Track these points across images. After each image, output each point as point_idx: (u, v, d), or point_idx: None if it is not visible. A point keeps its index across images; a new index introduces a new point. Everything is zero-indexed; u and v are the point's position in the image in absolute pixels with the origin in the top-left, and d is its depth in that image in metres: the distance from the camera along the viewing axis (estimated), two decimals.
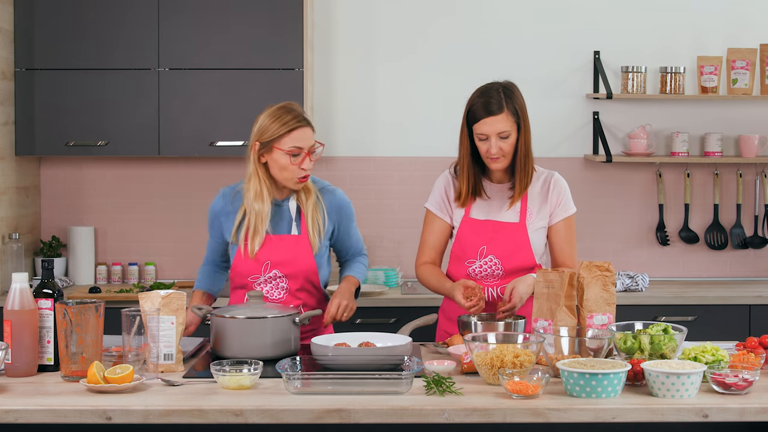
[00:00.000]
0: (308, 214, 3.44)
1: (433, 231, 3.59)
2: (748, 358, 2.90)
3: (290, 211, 3.46)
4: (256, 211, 3.40)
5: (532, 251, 3.48)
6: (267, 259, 3.42)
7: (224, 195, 3.51)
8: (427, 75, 5.22)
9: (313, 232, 3.43)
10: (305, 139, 3.37)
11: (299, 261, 3.43)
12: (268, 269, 3.42)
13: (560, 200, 3.52)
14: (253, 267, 3.43)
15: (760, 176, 5.26)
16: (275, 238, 3.43)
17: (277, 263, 3.42)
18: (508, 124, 3.37)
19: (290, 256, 3.42)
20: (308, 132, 3.39)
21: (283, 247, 3.42)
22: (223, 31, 4.83)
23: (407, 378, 2.73)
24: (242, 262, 3.43)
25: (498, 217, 3.50)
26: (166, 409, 2.61)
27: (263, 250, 3.42)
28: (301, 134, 3.36)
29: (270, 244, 3.42)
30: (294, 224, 3.45)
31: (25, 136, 4.85)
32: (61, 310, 2.89)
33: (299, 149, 3.36)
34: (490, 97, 3.39)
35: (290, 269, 3.43)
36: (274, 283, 3.43)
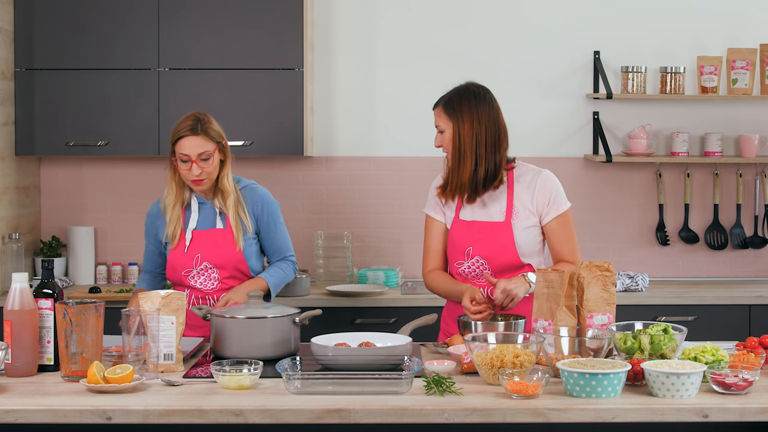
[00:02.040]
0: (230, 212, 3.67)
1: (434, 235, 3.60)
2: (748, 358, 2.90)
3: (214, 208, 3.69)
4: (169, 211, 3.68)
5: (516, 251, 3.48)
6: (197, 252, 3.67)
7: (159, 201, 3.76)
8: (427, 75, 5.21)
9: (237, 227, 3.66)
10: (191, 148, 3.58)
11: (226, 253, 3.67)
12: (199, 262, 3.67)
13: (549, 198, 3.52)
14: (185, 261, 3.67)
15: (760, 176, 5.26)
16: (203, 233, 3.68)
17: (206, 256, 3.67)
18: (441, 119, 3.53)
19: (217, 249, 3.67)
20: (196, 141, 3.59)
21: (209, 241, 3.68)
22: (223, 31, 4.83)
23: (407, 378, 2.73)
24: (175, 258, 3.68)
25: (484, 218, 3.52)
26: (166, 409, 2.62)
27: (192, 244, 3.67)
28: (188, 142, 3.59)
29: (198, 239, 3.68)
30: (219, 219, 3.67)
31: (25, 136, 4.85)
32: (61, 310, 2.89)
33: (186, 156, 3.59)
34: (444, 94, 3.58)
35: (218, 260, 3.67)
36: (206, 275, 3.68)
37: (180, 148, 3.58)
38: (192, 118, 3.63)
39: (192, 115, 3.65)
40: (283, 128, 4.85)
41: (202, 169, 3.58)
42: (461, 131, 3.48)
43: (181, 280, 3.70)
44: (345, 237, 5.11)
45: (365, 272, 5.00)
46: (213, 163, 3.61)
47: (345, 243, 5.10)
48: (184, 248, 3.67)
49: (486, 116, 3.48)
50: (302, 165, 5.22)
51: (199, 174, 3.58)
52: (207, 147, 3.59)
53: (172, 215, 3.67)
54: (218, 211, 3.68)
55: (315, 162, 5.22)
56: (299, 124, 4.84)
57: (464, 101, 3.50)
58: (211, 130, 3.62)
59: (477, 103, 3.49)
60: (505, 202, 3.51)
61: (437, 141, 3.55)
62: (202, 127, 3.60)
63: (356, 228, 5.23)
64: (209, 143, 3.60)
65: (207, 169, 3.59)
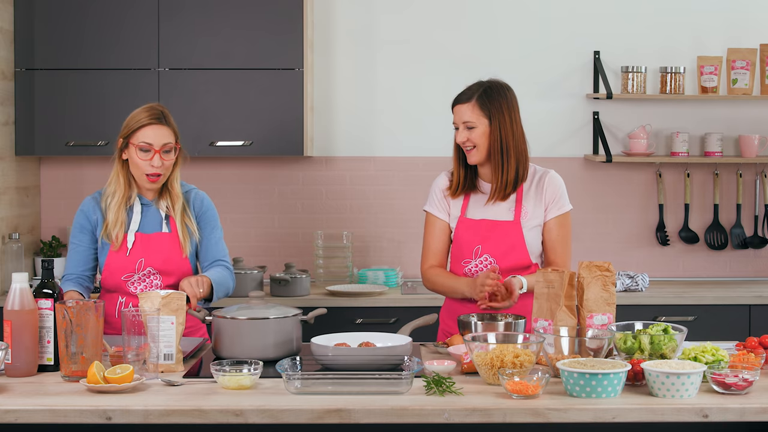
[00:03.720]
0: (177, 217, 3.49)
1: (435, 233, 3.60)
2: (748, 358, 2.90)
3: (160, 211, 3.51)
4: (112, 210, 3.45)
5: (527, 249, 3.49)
6: (140, 256, 3.47)
7: (93, 197, 3.55)
8: (428, 75, 5.22)
9: (183, 233, 3.49)
10: (156, 137, 3.42)
11: (171, 259, 3.48)
12: (142, 266, 3.47)
13: (554, 197, 3.53)
14: (126, 264, 3.47)
15: (760, 176, 5.26)
16: (147, 237, 3.49)
17: (150, 261, 3.47)
18: (473, 115, 3.45)
19: (163, 254, 3.48)
20: (161, 130, 3.43)
21: (155, 245, 3.48)
22: (223, 31, 4.83)
23: (407, 378, 2.73)
24: (115, 261, 3.47)
25: (492, 216, 3.52)
26: (166, 409, 2.61)
27: (135, 247, 3.47)
28: (152, 131, 3.42)
29: (142, 242, 3.48)
30: (164, 223, 3.50)
31: (25, 136, 4.85)
32: (61, 310, 2.89)
33: (149, 145, 3.41)
34: (468, 88, 3.51)
35: (164, 266, 3.47)
36: (148, 281, 3.47)
37: (142, 136, 3.40)
38: (154, 108, 3.47)
39: (152, 105, 3.48)
40: (283, 128, 4.85)
41: (163, 161, 3.41)
42: (502, 127, 3.45)
43: (118, 286, 3.48)
44: (345, 237, 5.11)
45: (365, 272, 5.00)
46: (173, 157, 3.45)
47: (345, 243, 5.10)
48: (126, 251, 3.46)
49: (518, 112, 3.50)
50: (302, 165, 5.22)
51: (159, 166, 3.41)
52: (170, 139, 3.43)
53: (117, 214, 3.45)
54: (164, 214, 3.50)
55: (315, 162, 5.22)
56: (299, 124, 4.84)
57: (500, 96, 3.47)
58: (173, 123, 3.48)
59: (511, 98, 3.50)
60: (514, 201, 3.51)
61: (461, 137, 3.47)
62: (165, 118, 3.45)
63: (356, 228, 5.23)
64: (171, 135, 3.45)
65: (167, 162, 3.43)
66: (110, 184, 3.51)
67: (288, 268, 4.78)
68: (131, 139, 3.43)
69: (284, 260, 5.19)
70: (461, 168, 3.55)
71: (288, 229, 5.23)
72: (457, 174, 3.55)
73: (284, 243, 5.24)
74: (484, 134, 3.45)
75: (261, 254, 5.21)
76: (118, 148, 3.49)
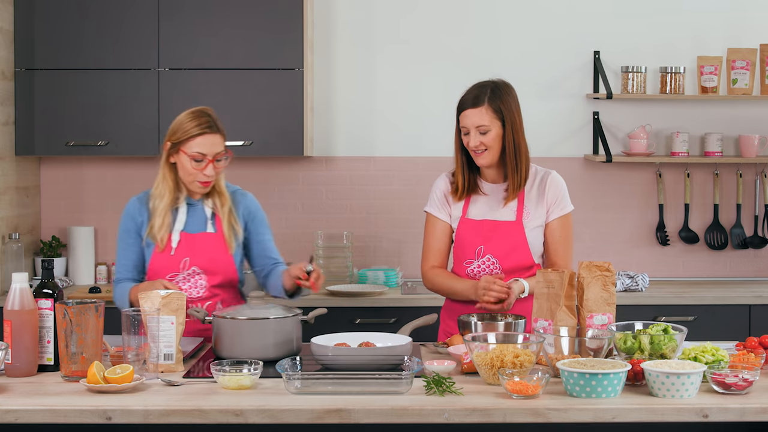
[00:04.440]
0: (223, 216, 3.47)
1: (435, 234, 3.59)
2: (748, 358, 2.90)
3: (205, 211, 3.49)
4: (160, 212, 3.43)
5: (529, 250, 3.49)
6: (185, 255, 3.45)
7: (139, 198, 3.53)
8: (427, 75, 5.22)
9: (229, 231, 3.47)
10: (210, 146, 3.38)
11: (217, 258, 3.46)
12: (187, 266, 3.45)
13: (557, 198, 3.52)
14: (171, 264, 3.45)
15: (760, 176, 5.26)
16: (192, 236, 3.47)
17: (195, 260, 3.45)
18: (487, 118, 3.41)
19: (208, 253, 3.46)
20: (215, 139, 3.39)
21: (199, 244, 3.46)
22: (222, 31, 4.83)
23: (407, 378, 2.73)
24: (159, 261, 3.45)
25: (495, 217, 3.51)
26: (166, 409, 2.61)
27: (180, 247, 3.45)
28: (206, 140, 3.38)
29: (187, 241, 3.46)
30: (209, 223, 3.48)
31: (25, 136, 4.85)
32: (61, 310, 2.88)
33: (202, 155, 3.38)
34: (476, 92, 3.45)
35: (209, 265, 3.46)
36: (193, 281, 3.46)
37: (196, 146, 3.35)
38: (204, 113, 3.41)
39: (201, 110, 3.43)
40: (283, 128, 4.85)
41: (216, 170, 3.39)
42: (514, 127, 3.44)
43: None
44: (345, 237, 5.11)
45: (365, 272, 5.00)
46: (225, 164, 3.42)
47: (345, 243, 5.10)
48: (171, 251, 3.44)
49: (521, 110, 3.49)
50: (302, 165, 5.22)
51: (212, 174, 3.38)
52: (222, 147, 3.39)
53: (164, 217, 3.43)
54: (210, 213, 3.49)
55: (315, 162, 5.22)
56: (299, 124, 4.84)
57: (509, 96, 3.46)
58: (222, 128, 3.43)
59: (516, 97, 3.49)
60: (516, 202, 3.51)
61: (474, 141, 3.42)
62: (217, 125, 3.40)
63: (356, 228, 5.23)
64: (223, 142, 3.41)
65: (219, 170, 3.40)
66: (157, 186, 3.47)
67: None
68: (183, 147, 3.38)
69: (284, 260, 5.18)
70: (466, 171, 3.53)
71: (288, 229, 5.23)
72: (462, 177, 3.52)
73: (284, 243, 5.23)
74: (497, 136, 3.43)
75: None
76: (165, 152, 3.43)
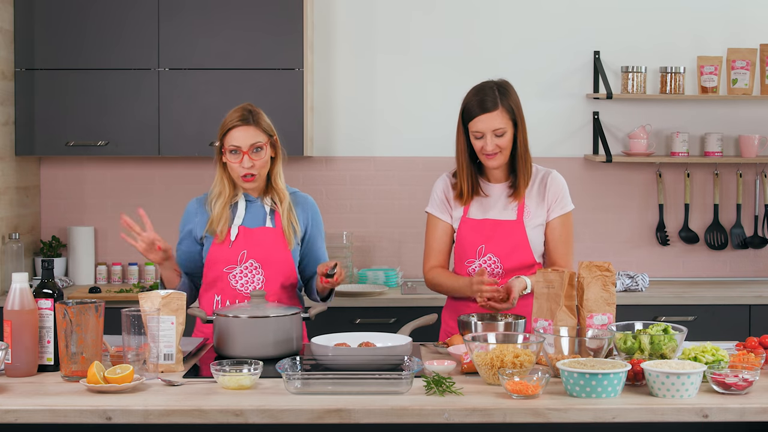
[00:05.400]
0: (283, 213, 3.48)
1: (437, 234, 3.59)
2: (748, 358, 2.90)
3: (264, 207, 3.51)
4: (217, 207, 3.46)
5: (530, 249, 3.49)
6: (243, 248, 3.46)
7: (198, 199, 3.59)
8: (427, 75, 5.22)
9: (288, 228, 3.48)
10: (244, 138, 3.41)
11: (275, 252, 3.46)
12: (244, 259, 3.46)
13: (557, 197, 3.53)
14: (228, 256, 3.46)
15: (760, 176, 5.26)
16: (251, 230, 3.48)
17: (253, 253, 3.45)
18: (503, 121, 3.40)
19: (266, 247, 3.46)
20: (249, 131, 3.43)
21: (258, 238, 3.47)
22: (222, 31, 4.83)
23: (407, 378, 2.73)
24: (218, 253, 3.46)
25: (496, 216, 3.51)
26: (166, 409, 2.61)
27: (238, 239, 3.46)
28: (239, 132, 3.42)
29: (245, 235, 3.47)
30: (268, 218, 3.50)
31: (25, 136, 4.85)
32: (61, 310, 2.88)
33: (237, 147, 3.41)
34: (485, 95, 3.42)
35: (267, 258, 3.46)
36: (250, 275, 3.46)
37: (231, 139, 3.41)
38: (242, 109, 3.46)
39: (242, 106, 3.47)
40: (283, 128, 4.81)
41: (253, 162, 3.40)
42: (523, 127, 3.46)
43: (220, 278, 3.47)
44: (345, 237, 5.11)
45: (365, 272, 5.00)
46: (265, 156, 3.44)
47: (345, 243, 5.10)
48: (229, 243, 3.45)
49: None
50: (302, 165, 5.22)
51: (251, 167, 3.40)
52: (259, 138, 3.42)
53: (222, 212, 3.45)
54: (269, 210, 3.50)
55: (315, 162, 5.22)
56: (299, 124, 4.84)
57: (516, 97, 3.46)
58: (263, 122, 3.46)
59: (517, 96, 3.49)
60: (517, 201, 3.51)
61: (491, 144, 3.40)
62: (253, 117, 3.44)
63: (356, 228, 5.23)
64: (261, 135, 3.43)
65: (258, 162, 3.41)
66: (215, 186, 3.51)
67: None
68: (224, 144, 3.44)
69: None
70: (471, 175, 3.51)
71: None
72: (468, 181, 3.51)
73: None
74: (511, 138, 3.43)
75: None
76: (217, 152, 3.49)
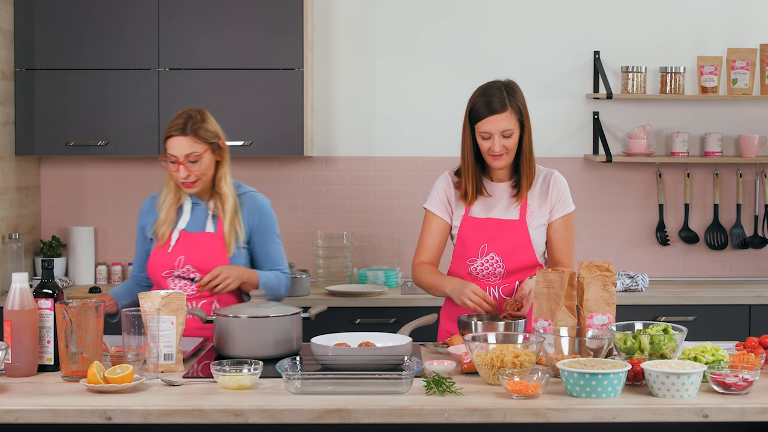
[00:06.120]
0: (225, 218, 3.50)
1: (432, 231, 3.59)
2: (748, 358, 2.90)
3: (208, 210, 3.54)
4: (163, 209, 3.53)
5: (533, 248, 3.49)
6: (180, 254, 3.50)
7: (152, 197, 3.64)
8: (427, 75, 5.22)
9: (229, 233, 3.50)
10: (178, 149, 3.44)
11: (212, 258, 3.49)
12: (181, 264, 3.49)
13: (560, 197, 3.53)
14: (167, 261, 3.51)
15: (760, 176, 5.26)
16: (191, 235, 3.52)
17: (190, 259, 3.49)
18: (511, 122, 3.40)
19: (203, 253, 3.50)
20: (183, 142, 3.44)
21: (196, 244, 3.51)
22: (222, 31, 4.83)
23: (407, 378, 2.73)
24: (157, 257, 3.52)
25: (498, 215, 3.51)
26: (166, 409, 2.61)
27: (178, 244, 3.51)
28: (173, 143, 3.46)
29: (184, 240, 3.51)
30: (210, 222, 3.52)
31: (25, 136, 4.85)
32: (61, 310, 2.89)
33: (173, 157, 3.46)
34: (492, 96, 3.41)
35: (203, 265, 3.48)
36: (187, 281, 3.50)
37: (168, 147, 3.45)
38: (184, 116, 3.47)
39: (185, 112, 3.49)
40: (283, 128, 4.85)
41: (189, 172, 3.43)
42: (528, 129, 3.46)
43: (159, 282, 3.53)
44: (345, 237, 5.11)
45: (365, 272, 5.00)
46: (201, 165, 3.45)
47: (345, 243, 5.10)
48: (169, 248, 3.51)
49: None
50: (302, 165, 5.22)
51: (186, 177, 3.44)
52: (195, 148, 3.43)
53: (168, 214, 3.53)
54: (211, 214, 3.53)
55: (315, 162, 5.22)
56: (299, 124, 4.84)
57: (522, 97, 3.46)
58: (202, 130, 3.45)
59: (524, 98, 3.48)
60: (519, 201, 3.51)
61: (498, 145, 3.39)
62: (192, 126, 3.44)
63: (356, 228, 5.23)
64: (198, 144, 3.44)
65: (195, 171, 3.44)
66: (165, 186, 3.58)
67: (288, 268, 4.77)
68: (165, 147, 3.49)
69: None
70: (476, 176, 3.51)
71: (288, 229, 5.23)
72: (472, 182, 3.50)
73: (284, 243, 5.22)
74: (517, 139, 3.43)
75: None
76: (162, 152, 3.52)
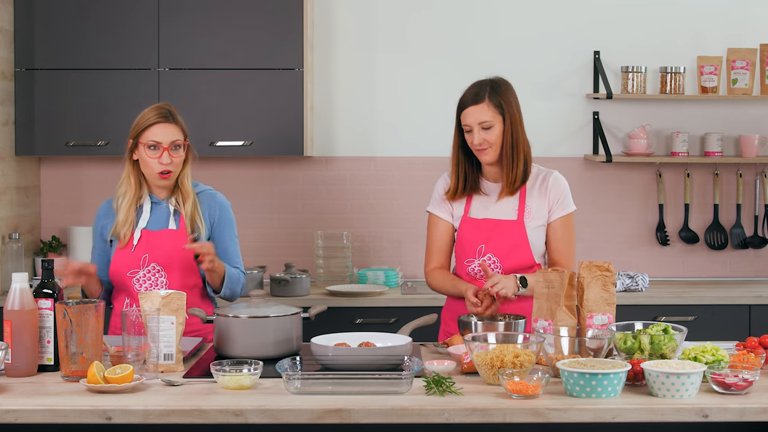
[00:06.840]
0: (186, 214, 3.52)
1: (437, 234, 3.59)
2: (748, 358, 2.90)
3: (168, 208, 3.55)
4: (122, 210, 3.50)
5: (530, 249, 3.49)
6: (145, 252, 3.50)
7: (108, 201, 3.62)
8: (427, 75, 5.22)
9: (191, 228, 3.52)
10: (164, 135, 3.47)
11: (177, 254, 3.49)
12: (146, 263, 3.50)
13: (559, 198, 3.53)
14: (131, 260, 3.50)
15: (760, 176, 5.26)
16: (153, 234, 3.52)
17: (155, 256, 3.49)
18: (489, 114, 3.42)
19: (167, 249, 3.50)
20: (169, 128, 3.49)
21: (159, 241, 3.51)
22: (223, 31, 4.83)
23: (407, 378, 2.73)
24: (121, 258, 3.50)
25: (496, 216, 3.51)
26: (166, 409, 2.61)
27: (141, 243, 3.50)
28: (160, 129, 3.47)
29: (147, 238, 3.51)
30: (172, 219, 3.53)
31: (25, 136, 4.85)
32: (61, 310, 2.89)
33: (157, 143, 3.46)
34: (474, 89, 3.47)
35: (168, 261, 3.49)
36: (153, 279, 3.50)
37: (151, 135, 3.45)
38: (162, 107, 3.52)
39: (159, 105, 3.54)
40: (283, 128, 4.85)
41: (172, 159, 3.46)
42: (513, 122, 3.45)
43: (124, 283, 3.51)
44: (345, 237, 5.11)
45: (365, 272, 5.00)
46: (182, 154, 3.50)
47: (345, 243, 5.10)
48: (132, 247, 3.50)
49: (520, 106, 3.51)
50: (302, 165, 5.22)
51: (169, 163, 3.46)
52: (178, 136, 3.48)
53: (127, 214, 3.51)
54: (173, 210, 3.54)
55: (315, 162, 5.22)
56: (299, 124, 4.84)
57: (508, 92, 3.48)
58: (180, 122, 3.53)
59: (514, 93, 3.50)
60: (517, 201, 3.51)
61: (478, 138, 3.43)
62: (173, 116, 3.51)
63: (356, 228, 5.23)
64: (180, 133, 3.50)
65: (176, 159, 3.48)
66: (121, 185, 3.56)
67: (288, 268, 4.78)
68: (140, 139, 3.48)
69: (284, 260, 5.19)
70: (463, 170, 3.53)
71: (288, 229, 5.23)
72: (458, 177, 3.53)
73: (284, 243, 5.24)
74: (499, 132, 3.44)
75: (261, 254, 5.21)
76: (128, 149, 3.53)
